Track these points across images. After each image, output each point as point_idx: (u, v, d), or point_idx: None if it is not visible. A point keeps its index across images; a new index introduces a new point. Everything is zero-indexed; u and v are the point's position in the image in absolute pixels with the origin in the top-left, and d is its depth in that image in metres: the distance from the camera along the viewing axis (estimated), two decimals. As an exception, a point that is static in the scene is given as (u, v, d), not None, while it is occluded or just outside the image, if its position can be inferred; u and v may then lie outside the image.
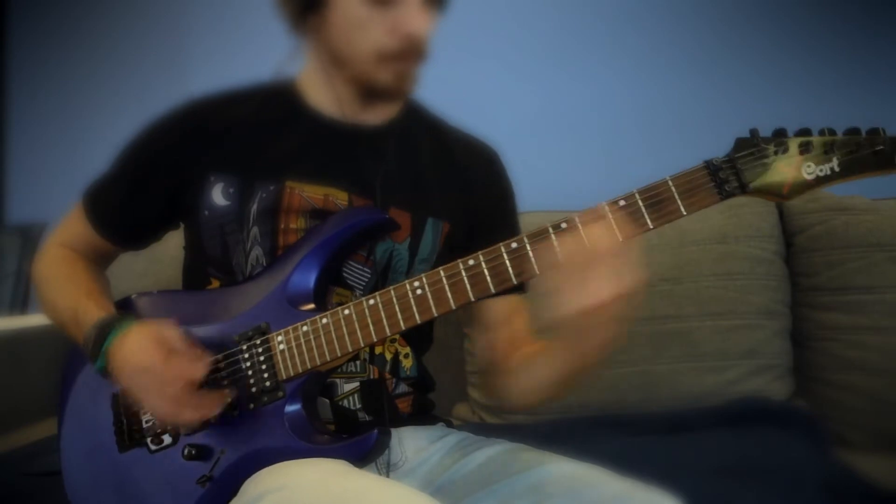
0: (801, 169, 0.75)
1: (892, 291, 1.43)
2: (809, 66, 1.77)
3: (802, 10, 1.78)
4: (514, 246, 0.78)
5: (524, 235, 0.78)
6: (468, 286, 0.79)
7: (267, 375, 0.85)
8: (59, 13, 2.21)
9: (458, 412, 1.57)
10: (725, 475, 1.10)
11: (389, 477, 0.90)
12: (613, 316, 0.74)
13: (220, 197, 0.93)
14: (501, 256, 0.78)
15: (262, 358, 0.86)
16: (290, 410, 0.84)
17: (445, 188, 1.00)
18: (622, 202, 0.77)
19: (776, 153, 0.75)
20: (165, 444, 0.89)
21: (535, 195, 1.45)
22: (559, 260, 0.75)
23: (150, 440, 0.89)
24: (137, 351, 0.83)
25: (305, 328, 0.85)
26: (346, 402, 0.92)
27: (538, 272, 0.77)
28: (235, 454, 0.85)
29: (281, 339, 0.85)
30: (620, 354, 1.48)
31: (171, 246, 1.07)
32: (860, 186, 1.23)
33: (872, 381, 1.42)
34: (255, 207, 0.92)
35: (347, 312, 0.83)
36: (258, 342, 0.86)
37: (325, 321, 0.84)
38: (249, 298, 0.89)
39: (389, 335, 0.82)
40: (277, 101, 0.97)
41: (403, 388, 0.98)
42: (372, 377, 0.94)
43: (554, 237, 0.77)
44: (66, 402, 0.97)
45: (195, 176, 0.94)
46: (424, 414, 1.01)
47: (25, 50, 2.24)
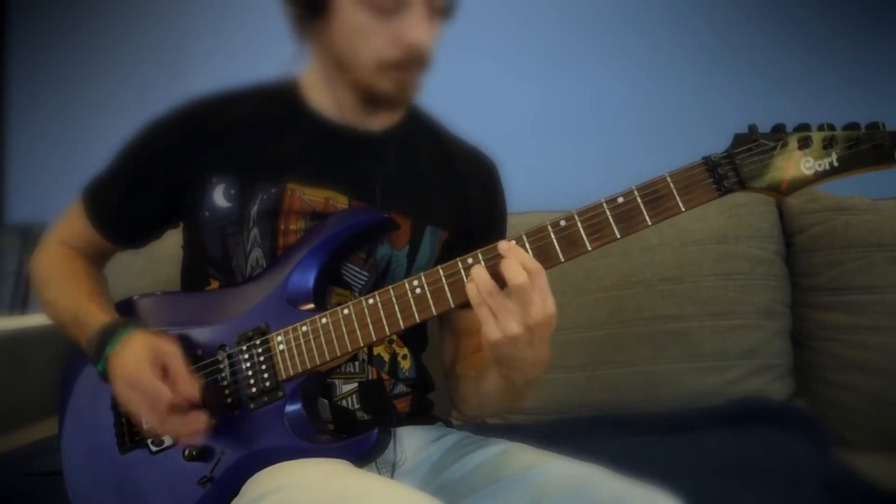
0: (800, 164, 0.75)
1: (892, 291, 1.43)
2: (809, 66, 1.77)
3: (802, 10, 1.78)
4: (512, 243, 0.78)
5: (522, 234, 0.78)
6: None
7: (267, 376, 0.85)
8: (59, 13, 2.21)
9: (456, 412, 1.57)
10: (725, 475, 1.09)
11: (389, 476, 0.90)
12: (529, 344, 0.75)
13: (221, 198, 0.93)
14: (500, 255, 0.78)
15: (261, 358, 0.86)
16: (290, 410, 0.84)
17: (444, 196, 1.00)
18: (620, 199, 0.77)
19: (775, 149, 0.75)
20: (166, 444, 0.89)
21: (535, 195, 1.46)
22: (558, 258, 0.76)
23: (150, 441, 0.89)
24: (133, 363, 0.83)
25: (305, 328, 0.85)
26: (344, 402, 0.92)
27: None
28: (236, 454, 0.85)
29: (280, 339, 0.85)
30: (620, 354, 1.48)
31: (170, 245, 1.07)
32: (860, 187, 1.23)
33: (872, 381, 1.41)
34: (255, 209, 0.92)
35: (347, 312, 0.83)
36: (258, 342, 0.86)
37: (324, 321, 0.84)
38: (249, 299, 0.89)
39: (389, 334, 0.83)
40: (278, 101, 0.97)
41: (402, 388, 0.98)
42: (370, 378, 0.94)
43: (553, 235, 0.77)
44: (67, 402, 0.97)
45: (195, 176, 0.94)
46: (424, 414, 1.02)
47: (25, 50, 2.24)
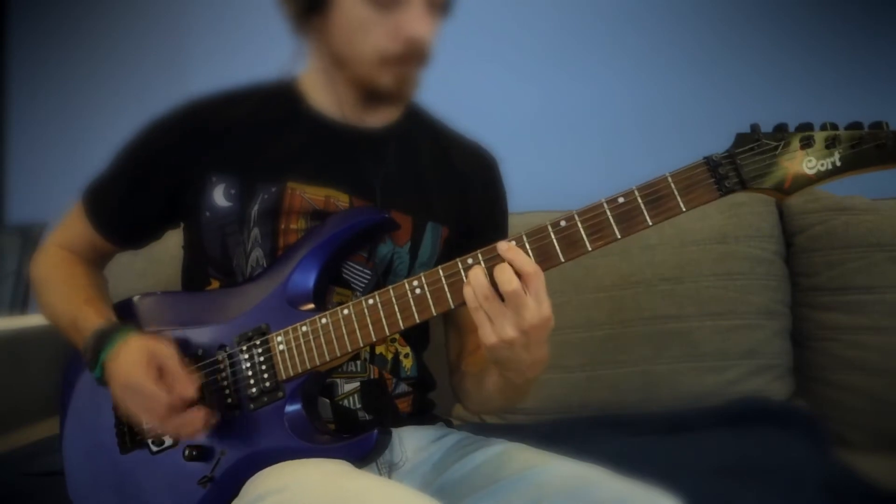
0: (802, 164, 0.75)
1: (892, 291, 1.43)
2: (809, 65, 1.76)
3: (802, 10, 1.78)
4: (511, 244, 0.78)
5: (523, 234, 0.78)
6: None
7: (267, 376, 0.85)
8: (59, 13, 2.21)
9: (458, 412, 1.57)
10: (725, 475, 1.09)
11: (390, 477, 0.90)
12: (525, 346, 0.75)
13: (221, 198, 0.93)
14: (499, 256, 0.77)
15: (261, 359, 0.86)
16: (290, 410, 0.84)
17: (445, 192, 1.00)
18: (621, 199, 0.77)
19: (777, 148, 0.75)
20: (166, 445, 0.89)
21: (535, 195, 1.46)
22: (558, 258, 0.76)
23: (151, 441, 0.89)
24: (128, 366, 0.84)
25: (305, 328, 0.85)
26: (346, 401, 0.92)
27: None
28: (236, 455, 0.85)
29: (280, 339, 0.85)
30: (620, 354, 1.49)
31: (170, 246, 1.07)
32: (860, 186, 1.23)
33: (872, 381, 1.41)
34: (256, 208, 0.92)
35: (347, 312, 0.83)
36: (258, 342, 0.86)
37: (324, 321, 0.84)
38: (249, 299, 0.89)
39: (389, 335, 0.82)
40: (278, 101, 0.97)
41: (403, 387, 0.98)
42: (372, 377, 0.94)
43: (553, 235, 0.77)
44: (67, 402, 0.98)
45: (195, 176, 0.94)
46: (424, 413, 1.02)
47: (25, 50, 2.24)
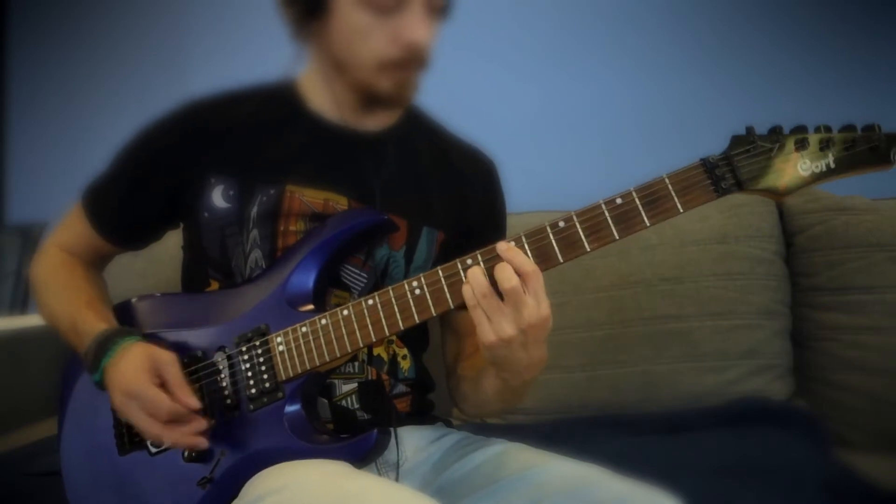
0: (797, 165, 0.75)
1: (892, 291, 1.43)
2: (809, 66, 1.76)
3: (802, 10, 1.78)
4: (511, 244, 0.78)
5: (522, 234, 0.78)
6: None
7: (266, 377, 0.85)
8: (59, 13, 2.21)
9: (458, 412, 1.57)
10: (725, 475, 1.09)
11: (389, 477, 0.90)
12: (524, 346, 0.75)
13: (219, 199, 0.93)
14: (499, 256, 0.77)
15: (261, 359, 0.86)
16: (289, 411, 0.84)
17: (442, 196, 1.00)
18: (619, 200, 0.77)
19: (772, 150, 0.76)
20: (165, 446, 0.89)
21: (534, 195, 1.46)
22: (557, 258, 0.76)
23: (150, 442, 0.89)
24: (130, 374, 0.83)
25: (304, 329, 0.85)
26: (344, 402, 0.92)
27: None
28: (236, 455, 0.85)
29: (280, 340, 0.85)
30: (620, 354, 1.49)
31: (170, 246, 1.07)
32: (860, 186, 1.23)
33: (872, 381, 1.41)
34: (255, 210, 0.92)
35: (346, 313, 0.83)
36: (257, 343, 0.86)
37: (324, 322, 0.84)
38: (249, 300, 0.89)
39: (388, 335, 0.83)
40: (278, 102, 0.97)
41: (401, 388, 0.98)
42: (370, 378, 0.94)
43: (552, 236, 0.77)
44: (66, 402, 0.97)
45: (195, 176, 0.94)
46: (423, 414, 1.02)
47: (25, 50, 2.24)
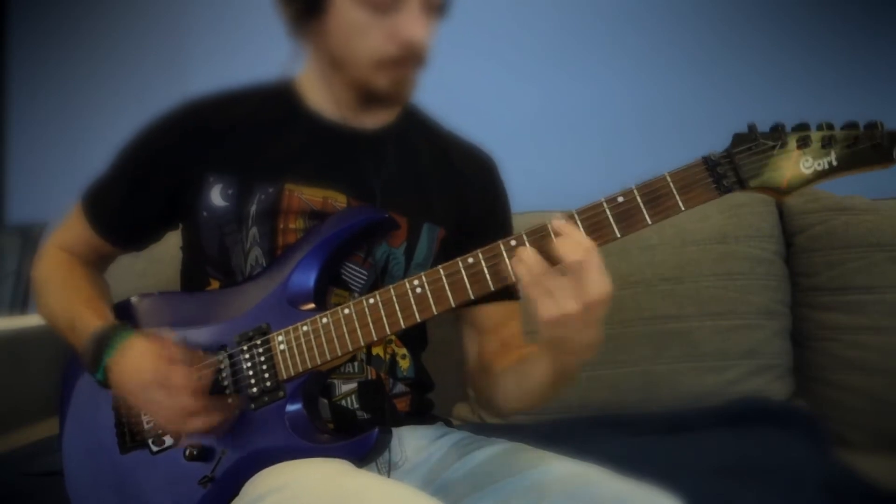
0: (799, 163, 0.75)
1: (892, 291, 1.43)
2: (809, 65, 1.76)
3: (802, 10, 1.78)
4: (512, 244, 0.78)
5: (523, 233, 0.78)
6: (468, 284, 0.79)
7: (268, 376, 0.85)
8: (59, 13, 2.21)
9: (458, 412, 1.57)
10: (725, 475, 1.09)
11: (389, 476, 0.90)
12: (586, 323, 0.73)
13: (218, 198, 0.93)
14: (501, 255, 0.78)
15: (262, 358, 0.86)
16: (290, 410, 0.84)
17: (442, 193, 1.00)
18: (620, 198, 0.77)
19: (774, 148, 0.75)
20: (167, 445, 0.89)
21: (534, 195, 1.46)
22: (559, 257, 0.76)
23: (151, 441, 0.89)
24: (140, 366, 0.83)
25: (305, 328, 0.85)
26: (344, 402, 0.92)
27: None
28: (237, 454, 0.85)
29: (281, 339, 0.85)
30: (620, 354, 1.49)
31: (170, 246, 1.07)
32: (860, 186, 1.23)
33: (872, 381, 1.41)
34: (253, 209, 0.92)
35: (347, 312, 0.83)
36: (259, 342, 0.86)
37: (325, 321, 0.84)
38: (249, 299, 0.89)
39: (389, 334, 0.82)
40: (276, 101, 0.97)
41: (401, 388, 0.97)
42: (369, 378, 0.94)
43: (553, 235, 0.77)
44: (67, 402, 0.97)
45: (194, 176, 0.94)
46: (423, 414, 1.01)
47: (25, 50, 2.24)
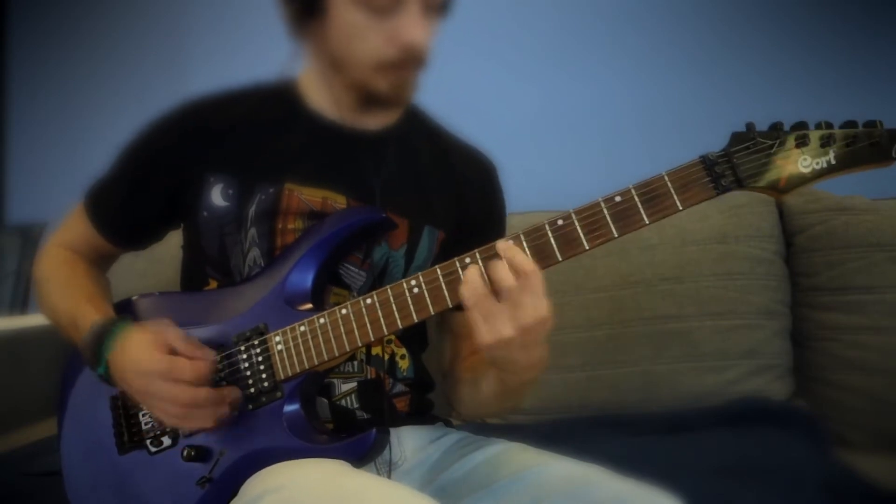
0: (797, 162, 0.75)
1: (892, 291, 1.43)
2: (809, 65, 1.76)
3: (802, 10, 1.78)
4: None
5: (520, 233, 0.78)
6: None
7: (265, 376, 0.85)
8: (59, 13, 2.21)
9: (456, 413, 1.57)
10: (725, 475, 1.09)
11: (389, 476, 0.90)
12: (523, 346, 0.74)
13: (218, 198, 0.93)
14: (497, 255, 0.77)
15: (260, 358, 0.86)
16: (288, 410, 0.84)
17: (442, 195, 1.00)
18: (618, 198, 0.77)
19: (773, 147, 0.75)
20: (165, 445, 0.89)
21: (534, 195, 1.46)
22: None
23: (149, 442, 0.89)
24: (142, 357, 0.83)
25: (303, 328, 0.85)
26: (343, 401, 0.92)
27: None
28: (235, 455, 0.85)
29: (279, 339, 0.85)
30: (620, 354, 1.48)
31: (171, 246, 1.07)
32: (860, 186, 1.23)
33: (872, 381, 1.41)
34: (253, 209, 0.91)
35: (345, 312, 0.83)
36: (256, 342, 0.86)
37: (322, 321, 0.84)
38: (247, 299, 0.89)
39: (387, 334, 0.82)
40: (277, 101, 0.97)
41: (400, 388, 0.97)
42: (369, 377, 0.94)
43: (550, 234, 0.77)
44: (65, 402, 0.97)
45: (195, 176, 0.94)
46: (423, 414, 1.01)
47: (25, 50, 2.24)
